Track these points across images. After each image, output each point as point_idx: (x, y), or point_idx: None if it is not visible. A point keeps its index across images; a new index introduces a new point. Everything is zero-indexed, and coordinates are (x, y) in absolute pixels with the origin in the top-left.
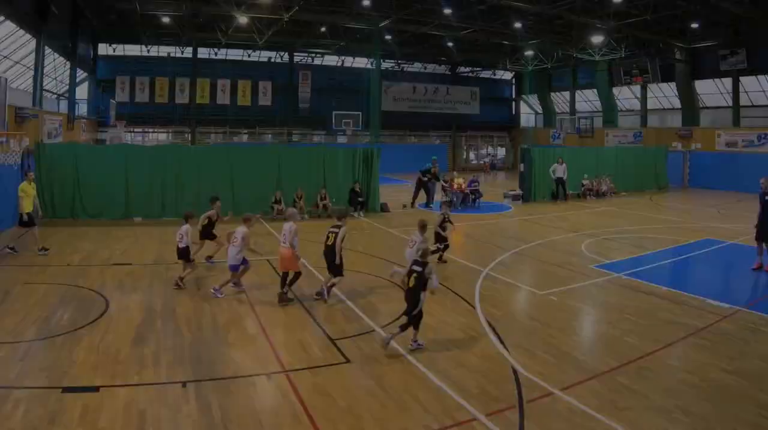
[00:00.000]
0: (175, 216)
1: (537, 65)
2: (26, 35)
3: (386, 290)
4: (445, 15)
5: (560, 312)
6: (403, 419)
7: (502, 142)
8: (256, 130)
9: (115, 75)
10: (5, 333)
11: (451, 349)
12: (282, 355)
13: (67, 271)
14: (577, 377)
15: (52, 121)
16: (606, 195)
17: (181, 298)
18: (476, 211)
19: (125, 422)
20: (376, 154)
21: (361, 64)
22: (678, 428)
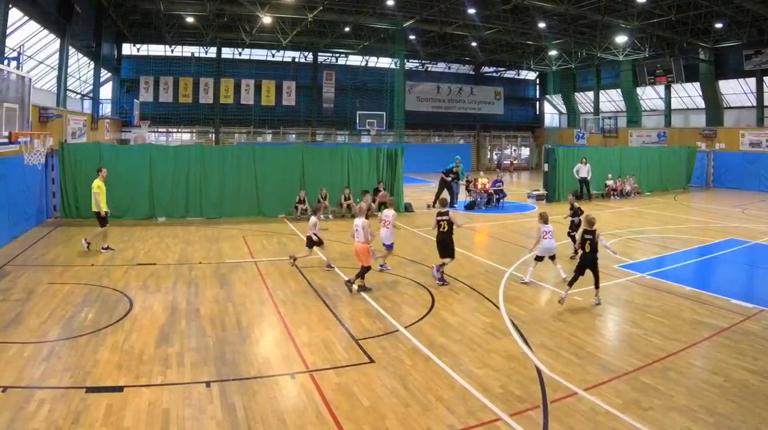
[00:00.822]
0: (198, 216)
1: (561, 65)
2: (50, 35)
3: (410, 290)
4: (469, 15)
5: (584, 312)
6: (427, 419)
7: (526, 142)
8: (280, 130)
9: (139, 75)
10: (29, 333)
11: (475, 349)
12: (306, 355)
13: (91, 271)
14: (601, 377)
15: (75, 121)
16: (630, 195)
17: (205, 298)
18: (500, 212)
19: (149, 422)
20: (399, 153)
21: (385, 64)
22: (702, 428)
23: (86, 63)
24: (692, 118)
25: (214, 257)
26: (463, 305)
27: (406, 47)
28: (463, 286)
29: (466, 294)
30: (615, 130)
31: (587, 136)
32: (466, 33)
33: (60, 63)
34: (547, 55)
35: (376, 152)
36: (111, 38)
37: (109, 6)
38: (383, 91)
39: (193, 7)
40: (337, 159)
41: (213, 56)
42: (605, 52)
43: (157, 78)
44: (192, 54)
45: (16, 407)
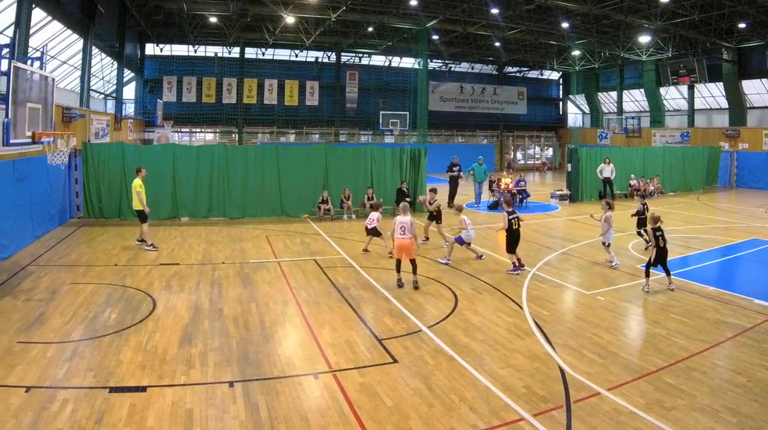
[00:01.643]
0: (221, 216)
1: (584, 65)
2: (73, 35)
3: (434, 290)
4: (492, 15)
5: (607, 312)
6: (450, 419)
7: (549, 142)
8: (303, 130)
9: (162, 75)
10: (52, 333)
11: (498, 349)
12: (329, 355)
13: (114, 271)
14: (624, 377)
15: (99, 121)
16: (653, 195)
17: (228, 298)
18: (523, 211)
19: (172, 422)
20: (423, 153)
21: (408, 63)
22: (725, 428)
23: (109, 63)
24: (715, 118)
25: (237, 256)
26: (486, 304)
27: (430, 47)
28: (486, 286)
29: (489, 294)
30: (638, 130)
31: (610, 136)
32: (490, 33)
33: (83, 63)
34: (570, 55)
35: (400, 152)
36: (134, 38)
37: (132, 6)
38: (406, 91)
39: (216, 7)
40: (360, 159)
41: (236, 56)
42: (628, 52)
43: (181, 78)
44: (215, 54)
45: (40, 407)
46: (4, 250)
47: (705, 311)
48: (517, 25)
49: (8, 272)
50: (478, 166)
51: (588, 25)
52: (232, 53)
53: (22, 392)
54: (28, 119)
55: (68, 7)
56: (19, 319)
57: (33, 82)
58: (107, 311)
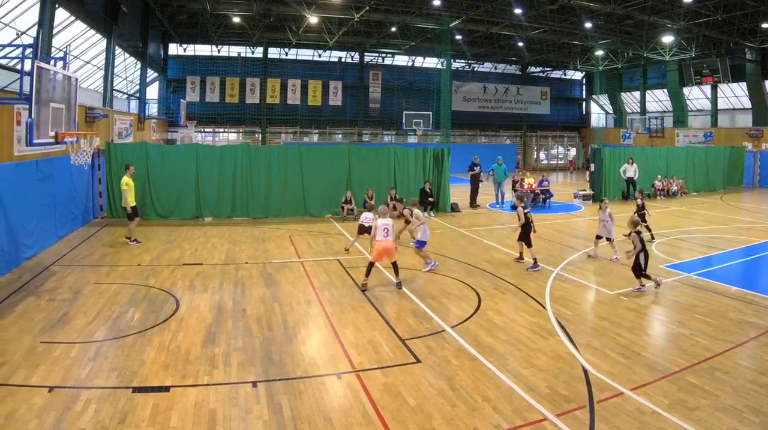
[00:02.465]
0: (245, 216)
1: (607, 65)
2: (97, 35)
3: (457, 290)
4: (516, 15)
5: (630, 312)
6: (474, 419)
7: (573, 142)
8: (327, 130)
9: (185, 75)
10: (76, 333)
11: (521, 349)
12: (352, 355)
13: (137, 271)
14: (647, 377)
15: (122, 121)
16: (676, 195)
17: (251, 298)
18: (546, 211)
19: (196, 422)
20: (446, 153)
21: (432, 63)
22: (748, 428)
23: (133, 63)
24: (739, 118)
25: (260, 256)
26: (509, 304)
27: (453, 47)
28: (509, 286)
29: (512, 294)
30: (661, 130)
31: (634, 136)
32: (513, 33)
33: (106, 63)
34: (593, 55)
35: (423, 152)
36: (157, 38)
37: (156, 6)
38: (430, 91)
39: (239, 7)
40: (383, 159)
41: (259, 56)
42: (652, 52)
43: (204, 78)
44: (238, 54)
45: (63, 407)
46: (27, 250)
47: (728, 311)
48: (540, 25)
49: (32, 271)
50: (497, 166)
51: (611, 25)
52: (255, 53)
53: (45, 392)
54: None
55: (91, 7)
56: (42, 319)
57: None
58: (130, 311)
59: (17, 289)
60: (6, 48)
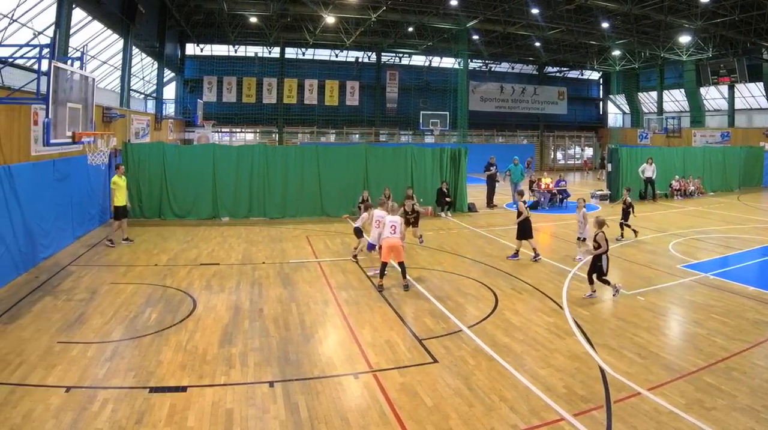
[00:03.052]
0: (262, 216)
1: (624, 65)
2: (114, 35)
3: (474, 290)
4: (532, 15)
5: (647, 312)
6: (491, 418)
7: (590, 142)
8: (344, 130)
9: (202, 75)
10: (93, 333)
11: (538, 349)
12: (369, 355)
13: (154, 271)
14: (664, 377)
15: (139, 121)
16: (693, 195)
17: (268, 298)
18: (563, 211)
19: (212, 422)
20: (463, 154)
21: (449, 63)
22: (765, 428)
23: (150, 63)
24: (756, 118)
25: (277, 256)
26: (526, 304)
27: (470, 47)
28: (526, 286)
29: (529, 294)
30: (678, 130)
31: (651, 136)
32: (530, 33)
33: (123, 63)
34: (610, 55)
35: (440, 152)
36: (174, 38)
37: (173, 6)
38: (446, 91)
39: (256, 7)
40: (400, 159)
41: (276, 56)
42: (668, 52)
43: (221, 78)
44: (255, 54)
45: (80, 407)
46: (44, 250)
47: (745, 311)
48: (557, 25)
49: (49, 271)
50: (513, 166)
51: (628, 25)
52: (272, 53)
53: (62, 392)
54: (69, 119)
55: (108, 7)
56: (59, 319)
57: (73, 82)
58: (147, 311)
59: (34, 289)
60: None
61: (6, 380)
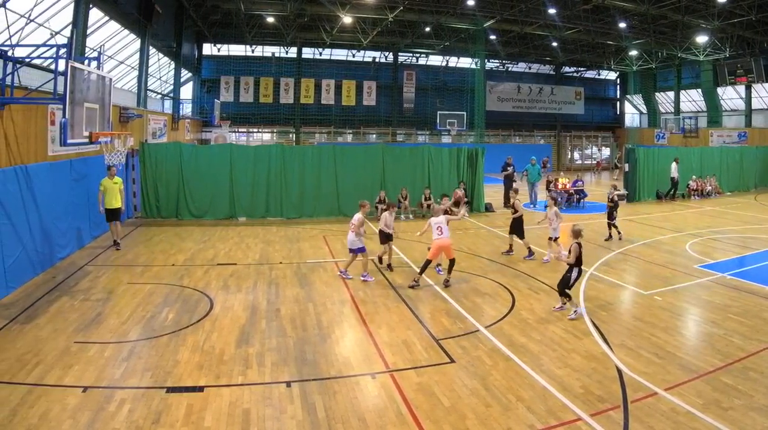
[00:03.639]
0: (279, 216)
1: (641, 65)
2: (131, 35)
3: (491, 290)
4: (550, 15)
5: (664, 312)
6: (508, 419)
7: (607, 142)
8: (361, 130)
9: (219, 75)
10: (110, 333)
11: (555, 349)
12: (386, 355)
13: (171, 271)
14: (682, 377)
15: (156, 121)
16: (710, 195)
17: (285, 298)
18: (580, 211)
19: (229, 422)
20: (480, 153)
21: (466, 63)
22: None
23: (167, 63)
24: None
25: (294, 256)
26: (543, 304)
27: (487, 47)
28: (543, 286)
29: (546, 294)
30: (695, 130)
31: (668, 136)
32: (547, 33)
33: (140, 63)
34: (627, 55)
35: (457, 152)
36: (191, 38)
37: (190, 6)
38: (464, 91)
39: (273, 7)
40: (417, 159)
41: (293, 56)
42: (686, 52)
43: (238, 78)
44: (272, 54)
45: (97, 407)
46: (61, 250)
47: (762, 311)
48: (574, 25)
49: (66, 271)
50: (531, 166)
51: (645, 25)
52: (289, 53)
53: (79, 392)
54: (86, 119)
55: (125, 7)
56: (76, 319)
57: (90, 82)
58: (164, 311)
59: (51, 289)
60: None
61: (23, 380)
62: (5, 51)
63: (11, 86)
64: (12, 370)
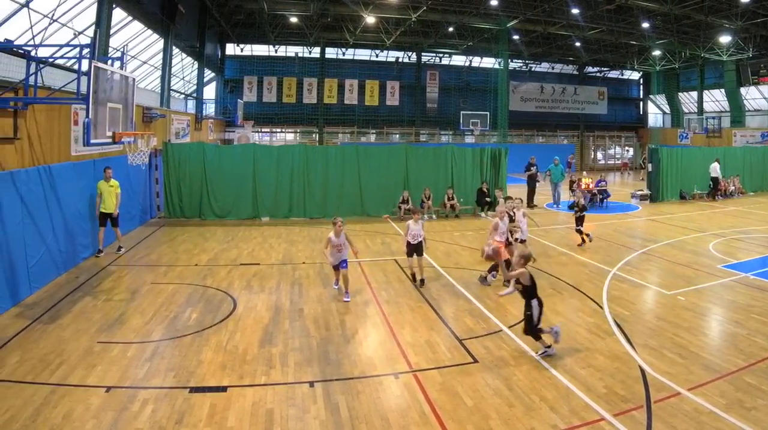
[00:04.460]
0: (302, 216)
1: (664, 65)
2: (154, 35)
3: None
4: (573, 15)
5: (688, 312)
6: (531, 419)
7: (630, 142)
8: (384, 130)
9: (242, 75)
10: (133, 333)
11: (578, 349)
12: (410, 355)
13: (194, 271)
14: (705, 377)
15: (179, 121)
16: (734, 195)
17: (308, 298)
18: (603, 211)
19: (253, 422)
20: (503, 153)
21: (489, 63)
22: None
23: (190, 63)
24: None
25: (317, 256)
26: (566, 304)
27: (510, 47)
28: (566, 286)
29: (569, 294)
30: (718, 130)
31: (691, 136)
32: (570, 33)
33: (163, 63)
34: (650, 55)
35: (480, 152)
36: (214, 38)
37: (213, 6)
38: (487, 91)
39: (296, 7)
40: (440, 159)
41: (317, 56)
42: (709, 52)
43: (261, 78)
44: (296, 54)
45: (120, 407)
46: (84, 250)
47: None
48: (597, 25)
49: (89, 272)
50: (554, 167)
51: (668, 25)
52: (312, 53)
53: (103, 392)
54: (109, 119)
55: (148, 7)
56: (99, 319)
57: (113, 82)
58: (188, 311)
59: (74, 289)
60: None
61: (46, 380)
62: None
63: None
64: (35, 370)
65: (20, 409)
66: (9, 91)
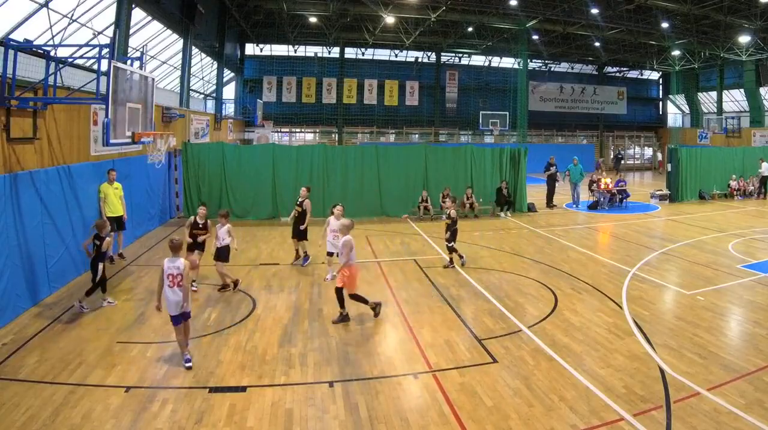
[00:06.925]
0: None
1: (684, 65)
2: (173, 35)
3: (533, 290)
4: (592, 15)
5: (707, 312)
6: (550, 419)
7: (649, 142)
8: (403, 130)
9: (262, 75)
10: (153, 333)
11: (598, 349)
12: (429, 355)
13: (213, 271)
14: (724, 377)
15: (198, 121)
16: (753, 195)
17: (328, 298)
18: (623, 211)
19: (272, 422)
20: (523, 153)
21: (508, 64)
22: None
23: (209, 63)
24: None
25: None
26: (585, 304)
27: (529, 47)
28: (586, 286)
29: (589, 294)
30: (738, 130)
31: (710, 136)
32: (589, 33)
33: (183, 63)
34: (670, 55)
35: (499, 152)
36: (234, 38)
37: (232, 6)
38: (506, 91)
39: (316, 7)
40: (459, 159)
41: (336, 56)
42: (728, 52)
43: (280, 78)
44: (315, 54)
45: (140, 407)
46: None
47: None
48: (616, 25)
49: (109, 271)
50: (573, 166)
51: (688, 25)
52: (332, 53)
53: (122, 392)
54: (128, 119)
55: (168, 8)
56: (119, 319)
57: (133, 82)
58: (207, 311)
59: None
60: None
61: (66, 380)
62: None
63: (54, 86)
64: (55, 370)
65: (40, 409)
66: (29, 91)
